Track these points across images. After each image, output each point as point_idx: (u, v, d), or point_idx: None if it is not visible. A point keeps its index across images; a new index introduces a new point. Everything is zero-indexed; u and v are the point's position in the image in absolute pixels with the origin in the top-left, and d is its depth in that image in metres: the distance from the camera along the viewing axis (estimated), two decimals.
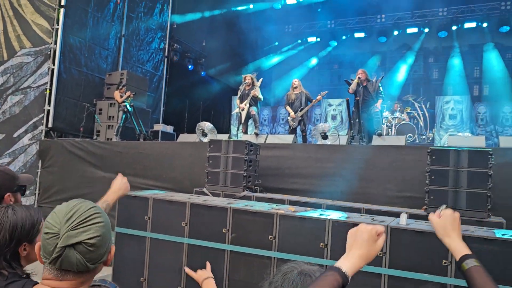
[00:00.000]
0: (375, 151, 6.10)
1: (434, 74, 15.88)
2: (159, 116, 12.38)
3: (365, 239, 1.31)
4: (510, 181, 4.99)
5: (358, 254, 1.29)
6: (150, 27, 11.99)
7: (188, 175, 7.10)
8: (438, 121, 11.77)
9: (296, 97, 8.74)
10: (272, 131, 14.37)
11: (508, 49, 14.59)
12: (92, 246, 1.22)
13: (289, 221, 3.93)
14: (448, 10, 14.27)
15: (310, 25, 16.55)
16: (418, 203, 5.19)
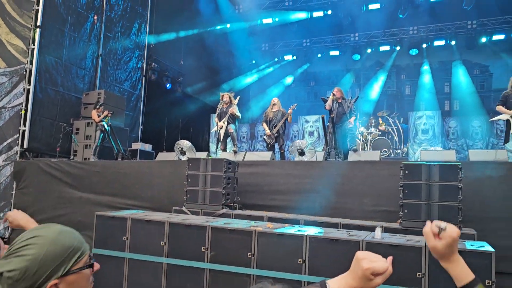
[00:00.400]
0: (351, 166, 6.22)
1: (406, 90, 16.37)
2: (138, 135, 12.29)
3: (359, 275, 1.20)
4: (479, 194, 5.15)
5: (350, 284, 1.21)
6: (127, 46, 12.00)
7: (167, 194, 7.05)
8: (411, 135, 12.08)
9: (274, 115, 8.86)
10: (251, 148, 14.44)
11: (475, 65, 15.19)
12: (9, 279, 1.13)
13: (267, 238, 3.96)
14: (419, 28, 14.78)
15: (286, 44, 16.86)
16: (393, 216, 5.30)
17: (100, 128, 8.84)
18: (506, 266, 4.53)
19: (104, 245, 4.62)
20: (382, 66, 16.52)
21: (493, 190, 5.11)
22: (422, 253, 3.46)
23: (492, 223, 4.92)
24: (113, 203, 7.32)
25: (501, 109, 6.99)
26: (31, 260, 1.15)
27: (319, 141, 12.78)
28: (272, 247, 3.95)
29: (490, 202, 5.05)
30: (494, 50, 14.65)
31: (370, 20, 14.53)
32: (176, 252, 4.31)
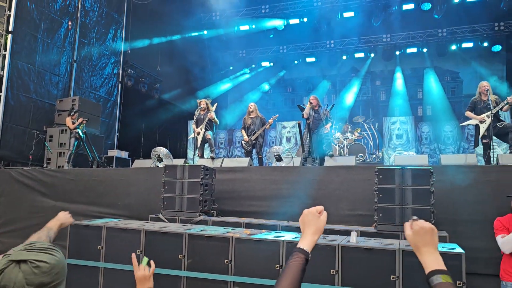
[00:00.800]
0: (327, 171, 6.28)
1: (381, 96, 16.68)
2: (114, 142, 12.11)
3: (310, 219, 1.62)
4: (451, 197, 5.28)
5: (309, 232, 1.59)
6: (103, 52, 11.85)
7: (144, 202, 6.95)
8: (386, 141, 12.30)
9: (251, 121, 8.90)
10: (229, 154, 14.42)
11: (446, 72, 15.62)
12: (37, 268, 1.23)
13: (244, 244, 3.95)
14: (392, 36, 15.13)
15: (263, 50, 16.96)
16: (368, 220, 5.37)
17: (75, 135, 8.68)
18: (477, 267, 4.65)
19: (78, 255, 4.51)
20: (357, 73, 16.80)
21: (464, 193, 5.24)
22: (396, 256, 3.52)
23: (463, 226, 5.04)
24: (88, 212, 7.17)
25: (470, 114, 7.21)
26: (58, 261, 1.30)
27: (296, 146, 12.87)
28: (250, 253, 3.95)
29: (461, 205, 5.18)
30: (464, 57, 15.12)
31: (345, 28, 14.78)
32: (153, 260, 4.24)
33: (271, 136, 13.76)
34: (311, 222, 1.62)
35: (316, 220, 1.62)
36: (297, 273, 1.47)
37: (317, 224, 1.62)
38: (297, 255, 1.51)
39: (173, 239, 4.19)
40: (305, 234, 1.60)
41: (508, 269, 3.88)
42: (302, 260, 1.50)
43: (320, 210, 1.65)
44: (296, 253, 1.52)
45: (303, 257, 1.50)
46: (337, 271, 3.60)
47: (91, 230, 4.52)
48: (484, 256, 4.67)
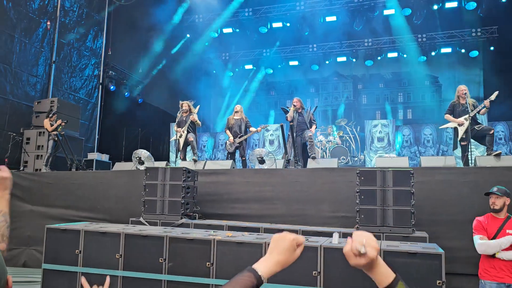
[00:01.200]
0: (310, 174, 6.29)
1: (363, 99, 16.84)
2: (94, 145, 11.90)
3: (286, 247, 1.37)
4: (431, 198, 5.35)
5: (276, 260, 1.36)
6: (83, 53, 11.65)
7: (124, 205, 6.84)
8: (368, 143, 12.43)
9: (235, 122, 8.86)
10: (212, 157, 14.34)
11: (425, 76, 15.89)
12: None
13: (226, 246, 3.91)
14: (373, 41, 15.33)
15: (246, 53, 16.96)
16: (351, 222, 5.40)
17: (53, 137, 8.49)
18: (456, 266, 4.71)
19: (55, 260, 4.39)
20: (339, 76, 16.95)
21: (443, 194, 5.32)
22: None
23: (442, 226, 5.11)
24: (67, 216, 7.01)
25: (449, 117, 7.33)
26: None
27: (279, 149, 12.89)
28: (232, 256, 3.91)
29: (441, 206, 5.26)
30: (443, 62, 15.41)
31: (327, 32, 14.94)
32: (132, 264, 4.17)
33: (254, 139, 13.74)
34: (285, 251, 1.38)
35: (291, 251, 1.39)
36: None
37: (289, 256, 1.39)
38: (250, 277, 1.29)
39: (153, 242, 4.12)
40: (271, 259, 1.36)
41: (487, 268, 3.94)
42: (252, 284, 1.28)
43: (301, 242, 1.42)
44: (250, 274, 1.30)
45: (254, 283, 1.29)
46: (319, 272, 3.59)
47: (69, 234, 4.41)
48: (463, 256, 4.74)
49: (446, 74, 15.45)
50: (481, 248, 3.91)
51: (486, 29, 14.17)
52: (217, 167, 7.26)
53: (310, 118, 8.30)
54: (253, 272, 1.30)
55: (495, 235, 3.91)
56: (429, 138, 12.24)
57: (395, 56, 15.47)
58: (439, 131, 12.16)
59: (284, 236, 1.40)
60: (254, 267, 1.33)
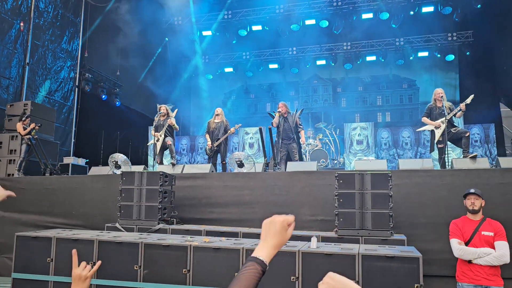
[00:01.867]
0: (289, 177, 6.26)
1: (342, 102, 16.97)
2: (70, 149, 11.63)
3: (278, 229, 1.43)
4: (409, 201, 5.38)
5: (272, 243, 1.41)
6: (58, 55, 11.38)
7: (100, 211, 6.67)
8: (347, 146, 12.51)
9: (216, 125, 8.79)
10: (191, 161, 14.21)
11: (403, 80, 16.13)
12: None
13: (203, 252, 3.84)
14: (352, 44, 15.48)
15: (226, 56, 16.89)
16: (330, 225, 5.38)
17: (26, 141, 8.24)
18: (434, 269, 4.74)
19: (25, 269, 4.23)
20: (319, 80, 17.05)
21: (421, 196, 5.36)
22: (356, 260, 3.51)
23: (420, 228, 5.14)
24: (40, 222, 6.80)
25: (426, 120, 7.44)
26: None
27: (259, 152, 12.85)
28: (209, 262, 3.83)
29: (418, 209, 5.29)
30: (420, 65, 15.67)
31: (307, 35, 15.02)
32: (107, 272, 4.04)
33: (234, 142, 13.68)
34: (277, 233, 1.43)
35: (283, 232, 1.44)
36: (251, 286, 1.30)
37: (283, 237, 1.44)
38: (254, 265, 1.34)
39: (128, 249, 4.01)
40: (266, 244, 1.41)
41: (464, 271, 3.97)
42: (258, 272, 1.33)
43: (291, 221, 1.47)
44: (253, 263, 1.35)
45: (259, 269, 1.34)
46: (297, 277, 3.55)
47: (40, 241, 4.26)
48: (440, 258, 4.77)
49: (423, 77, 15.71)
50: (458, 253, 3.96)
51: (462, 34, 14.48)
52: (196, 171, 7.16)
53: (296, 122, 8.29)
54: (256, 260, 1.36)
55: (471, 237, 3.96)
56: (407, 140, 12.41)
57: (374, 59, 15.66)
58: (417, 134, 12.35)
59: (274, 220, 1.46)
60: (255, 255, 1.37)
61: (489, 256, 3.83)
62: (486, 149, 11.86)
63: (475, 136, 12.00)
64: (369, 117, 15.40)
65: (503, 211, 4.65)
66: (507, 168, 5.43)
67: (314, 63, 16.38)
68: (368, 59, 15.69)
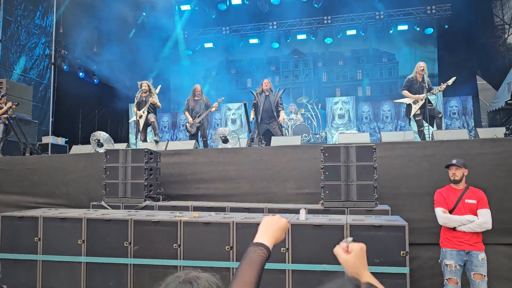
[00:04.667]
0: (274, 151, 6.29)
1: (323, 77, 16.98)
2: (48, 128, 11.35)
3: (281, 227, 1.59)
4: (391, 172, 5.50)
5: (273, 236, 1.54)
6: (32, 31, 10.95)
7: (84, 189, 6.60)
8: (329, 120, 12.60)
9: (195, 102, 8.71)
10: (173, 138, 14.09)
11: (383, 53, 16.21)
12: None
13: (193, 227, 3.86)
14: (332, 18, 15.38)
15: (205, 31, 16.57)
16: (315, 198, 5.47)
17: (3, 121, 7.99)
18: (417, 237, 4.90)
19: (12, 249, 4.18)
20: (300, 54, 16.97)
21: (403, 168, 5.48)
22: (344, 230, 3.60)
23: (403, 199, 5.28)
24: (22, 203, 6.69)
25: (406, 93, 7.54)
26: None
27: (242, 128, 12.82)
28: (199, 237, 3.86)
29: (401, 180, 5.41)
30: (399, 39, 15.74)
31: (287, 9, 14.82)
32: (96, 249, 4.03)
33: (216, 119, 13.60)
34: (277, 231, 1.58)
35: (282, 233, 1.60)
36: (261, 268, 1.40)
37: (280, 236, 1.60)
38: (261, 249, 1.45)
39: (117, 226, 4.00)
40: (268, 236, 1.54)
41: (448, 237, 4.13)
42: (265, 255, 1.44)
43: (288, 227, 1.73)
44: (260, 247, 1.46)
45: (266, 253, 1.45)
46: (288, 248, 3.62)
47: (26, 221, 4.20)
48: (422, 226, 4.93)
49: (402, 51, 15.80)
50: (443, 221, 4.09)
51: (440, 7, 14.55)
52: (180, 147, 7.12)
53: (277, 101, 8.29)
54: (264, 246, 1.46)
55: (455, 205, 4.09)
56: (387, 114, 12.58)
57: (354, 33, 15.62)
58: (397, 107, 12.52)
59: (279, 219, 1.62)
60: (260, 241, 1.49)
61: (472, 223, 3.97)
62: (464, 121, 12.15)
63: (453, 108, 12.25)
64: (350, 92, 15.48)
65: (484, 180, 4.80)
66: (486, 139, 5.58)
67: (295, 38, 16.25)
68: (348, 33, 15.64)
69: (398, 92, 15.29)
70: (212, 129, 12.60)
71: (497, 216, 4.29)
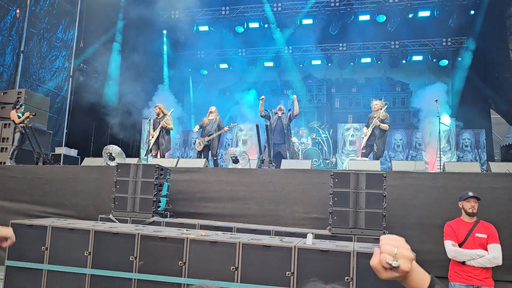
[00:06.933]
0: (284, 174, 6.31)
1: (336, 103, 17.08)
2: (62, 139, 11.54)
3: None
4: (401, 201, 5.47)
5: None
6: (53, 44, 11.27)
7: (93, 201, 6.66)
8: (340, 146, 12.60)
9: (209, 122, 8.87)
10: (184, 156, 14.18)
11: (397, 83, 16.28)
12: None
13: (199, 245, 3.86)
14: (348, 45, 15.56)
15: (221, 52, 16.83)
16: (323, 223, 5.45)
17: (20, 130, 8.17)
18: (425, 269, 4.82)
19: (19, 257, 4.21)
20: (314, 79, 17.12)
21: (413, 198, 5.45)
22: (351, 258, 3.58)
23: (412, 229, 5.23)
24: (32, 212, 6.77)
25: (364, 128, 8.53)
26: None
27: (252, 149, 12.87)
28: (205, 255, 3.86)
29: (411, 209, 5.38)
30: (414, 69, 15.82)
31: (303, 35, 15.04)
32: (102, 262, 4.05)
33: (227, 139, 13.69)
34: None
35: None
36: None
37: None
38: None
39: (124, 240, 4.02)
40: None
41: (457, 271, 4.06)
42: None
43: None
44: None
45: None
46: (293, 272, 3.60)
47: (35, 230, 4.25)
48: (431, 259, 4.86)
49: (416, 81, 15.85)
50: (452, 255, 4.04)
51: (456, 39, 14.65)
52: (190, 165, 7.17)
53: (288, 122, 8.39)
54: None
55: (465, 238, 4.04)
56: (399, 143, 12.54)
57: (368, 61, 15.76)
58: (409, 137, 12.48)
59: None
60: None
61: (482, 258, 3.92)
62: (476, 154, 12.04)
63: (466, 141, 12.17)
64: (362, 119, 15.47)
65: (495, 214, 4.76)
66: (498, 173, 5.54)
67: (310, 63, 16.43)
68: (363, 60, 15.78)
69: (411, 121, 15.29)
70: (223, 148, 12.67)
71: (507, 252, 4.23)
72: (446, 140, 11.94)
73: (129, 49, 13.81)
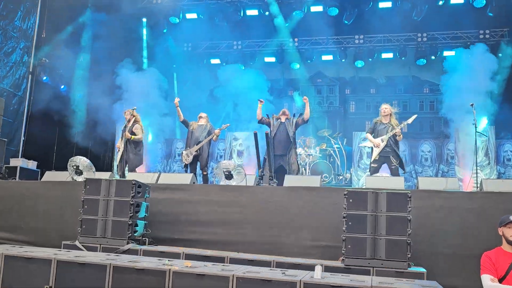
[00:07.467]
0: (287, 193, 6.33)
1: (351, 107, 17.15)
2: (18, 148, 11.55)
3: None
4: (429, 227, 5.49)
5: None
6: (10, 34, 11.33)
7: (56, 225, 6.69)
8: (355, 159, 12.64)
9: (198, 127, 8.91)
10: (166, 169, 14.21)
11: (424, 83, 16.35)
12: None
13: (184, 279, 3.88)
14: (365, 38, 15.64)
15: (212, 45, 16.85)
16: (335, 252, 5.45)
17: None
18: None
19: None
20: (324, 78, 17.20)
21: (444, 222, 5.46)
22: None
23: (443, 260, 5.25)
24: None
25: (368, 136, 8.33)
26: None
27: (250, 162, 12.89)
28: None
29: (441, 236, 5.39)
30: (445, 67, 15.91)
31: (311, 25, 15.04)
32: None
33: (219, 149, 13.74)
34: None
35: None
36: None
37: None
38: None
39: (93, 272, 4.03)
40: None
41: None
42: None
43: None
44: None
45: None
46: None
47: None
48: None
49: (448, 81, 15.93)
50: None
51: (496, 31, 14.76)
52: (174, 181, 7.20)
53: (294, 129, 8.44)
54: None
55: (506, 272, 4.05)
56: (427, 156, 12.60)
57: (390, 57, 15.84)
58: (439, 149, 12.54)
59: None
60: None
61: None
62: None
63: (508, 153, 12.22)
64: None
65: None
66: None
67: (319, 58, 16.48)
68: (383, 56, 15.87)
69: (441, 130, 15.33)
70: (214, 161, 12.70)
71: None
72: (484, 153, 11.99)
73: (101, 41, 13.85)
